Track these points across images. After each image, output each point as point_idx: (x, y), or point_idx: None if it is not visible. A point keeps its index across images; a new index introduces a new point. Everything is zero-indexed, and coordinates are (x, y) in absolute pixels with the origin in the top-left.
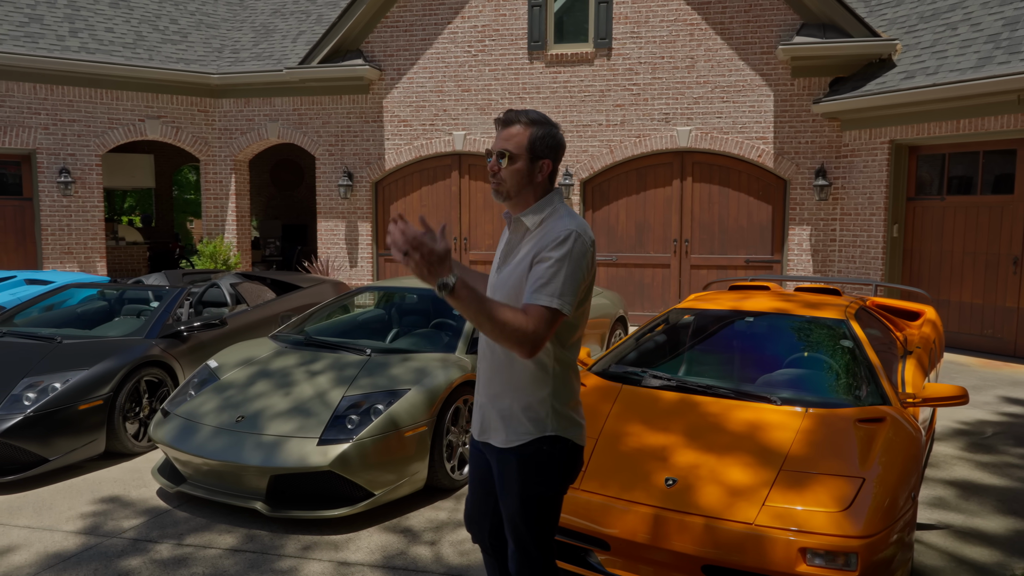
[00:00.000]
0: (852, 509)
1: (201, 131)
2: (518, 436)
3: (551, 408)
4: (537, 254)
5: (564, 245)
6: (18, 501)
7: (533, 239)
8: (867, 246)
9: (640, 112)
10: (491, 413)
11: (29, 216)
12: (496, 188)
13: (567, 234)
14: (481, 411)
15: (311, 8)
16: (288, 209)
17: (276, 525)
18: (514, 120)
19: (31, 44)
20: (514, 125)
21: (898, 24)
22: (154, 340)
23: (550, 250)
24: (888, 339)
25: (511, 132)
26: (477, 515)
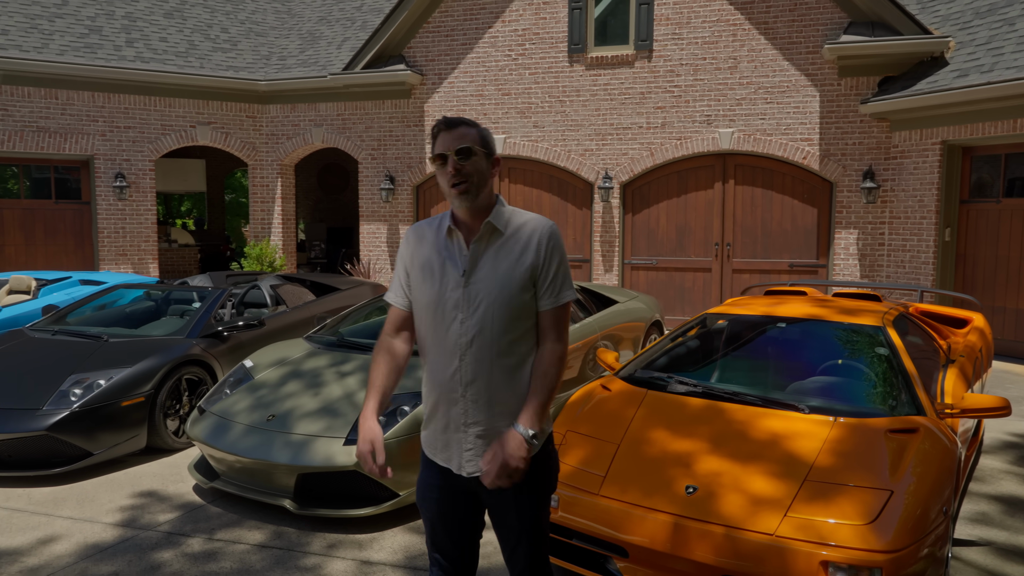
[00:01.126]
0: (878, 522)
1: (249, 136)
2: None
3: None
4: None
5: (556, 244)
6: (63, 493)
7: (511, 241)
8: (917, 251)
9: (681, 114)
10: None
11: (87, 219)
12: (464, 189)
13: (550, 227)
14: (480, 441)
15: (356, 15)
16: (334, 212)
17: (303, 523)
18: (457, 123)
19: (90, 54)
20: (459, 127)
21: (951, 20)
22: (195, 340)
23: (548, 253)
24: (929, 347)
25: (461, 132)
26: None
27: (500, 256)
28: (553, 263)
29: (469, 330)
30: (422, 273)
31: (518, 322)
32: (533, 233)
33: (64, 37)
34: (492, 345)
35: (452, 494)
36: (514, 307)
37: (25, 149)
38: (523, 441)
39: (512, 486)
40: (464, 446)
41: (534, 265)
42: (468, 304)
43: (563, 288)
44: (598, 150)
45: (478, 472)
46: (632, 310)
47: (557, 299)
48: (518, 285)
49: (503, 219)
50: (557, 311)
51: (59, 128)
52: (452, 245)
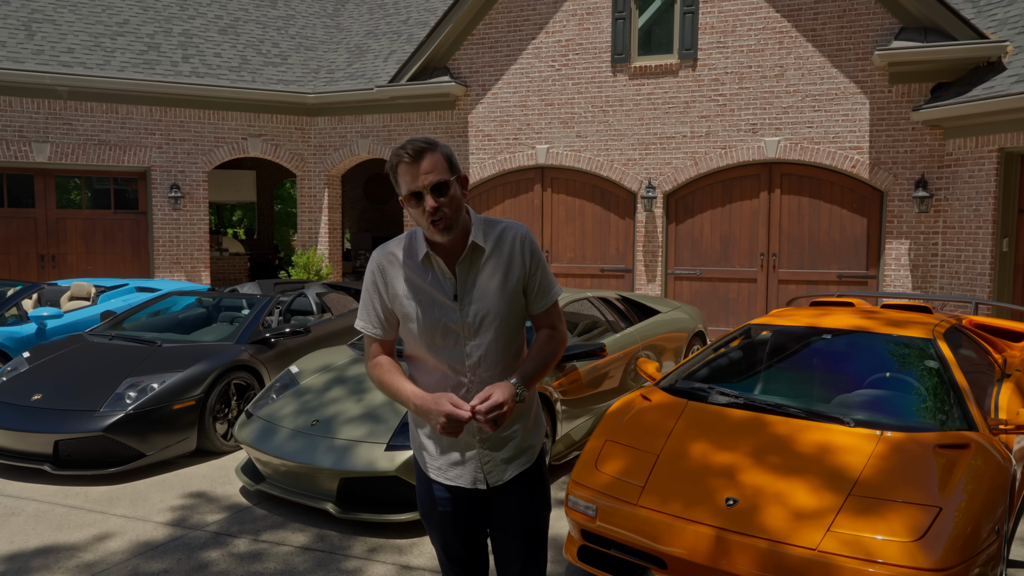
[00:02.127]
0: (926, 539)
1: (298, 148)
2: (534, 445)
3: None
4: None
5: (532, 248)
6: (117, 492)
7: (495, 255)
8: (972, 261)
9: (726, 123)
10: (509, 446)
11: (144, 228)
12: (444, 227)
13: (524, 232)
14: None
15: (403, 28)
16: (379, 222)
17: (345, 526)
18: (422, 151)
19: (149, 70)
20: (425, 156)
21: (1010, 24)
22: (243, 346)
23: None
24: (983, 361)
25: (430, 162)
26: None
27: (487, 272)
28: (537, 268)
29: (474, 351)
30: (409, 301)
31: (517, 332)
32: (514, 242)
33: (125, 54)
34: (499, 360)
35: (464, 505)
36: (513, 320)
37: (87, 162)
38: (512, 390)
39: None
40: (481, 460)
41: (522, 275)
42: (468, 326)
43: (551, 287)
44: (641, 160)
45: (500, 481)
46: (674, 320)
47: (548, 299)
48: (512, 298)
49: (481, 235)
50: (552, 309)
51: (119, 141)
52: (434, 269)
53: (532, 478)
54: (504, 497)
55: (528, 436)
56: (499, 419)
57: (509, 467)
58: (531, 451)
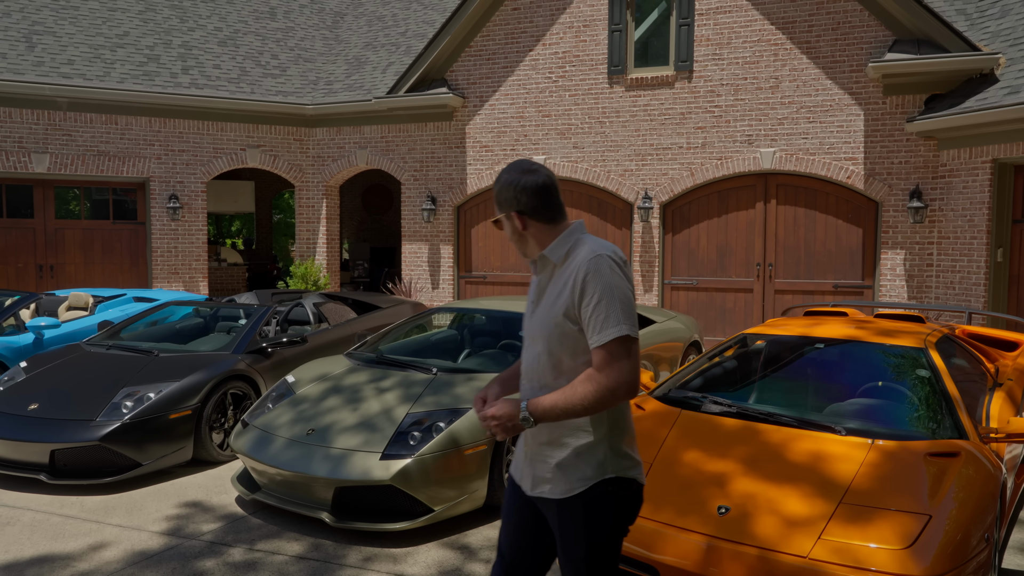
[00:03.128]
0: (916, 547)
1: (296, 159)
2: (580, 483)
3: (608, 448)
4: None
5: (596, 273)
6: (113, 501)
7: (562, 273)
8: (967, 271)
9: (722, 134)
10: (543, 465)
11: (142, 239)
12: (518, 250)
13: (592, 257)
14: (530, 465)
15: (401, 40)
16: (377, 232)
17: (340, 535)
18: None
19: (148, 82)
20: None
21: (1002, 37)
22: (240, 355)
23: (586, 284)
24: (975, 370)
25: (495, 198)
26: (522, 565)
27: (551, 288)
28: (591, 298)
29: (530, 361)
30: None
31: (566, 357)
32: (578, 267)
33: (125, 66)
34: (542, 376)
35: (523, 506)
36: (555, 341)
37: (86, 172)
38: (516, 411)
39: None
40: (524, 464)
41: (570, 303)
42: (530, 336)
43: (604, 326)
44: (638, 170)
45: (528, 490)
46: (670, 330)
47: (601, 336)
48: (554, 319)
49: (559, 251)
50: (604, 348)
51: (118, 152)
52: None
53: (565, 514)
54: (548, 516)
55: (558, 471)
56: (491, 429)
57: (539, 485)
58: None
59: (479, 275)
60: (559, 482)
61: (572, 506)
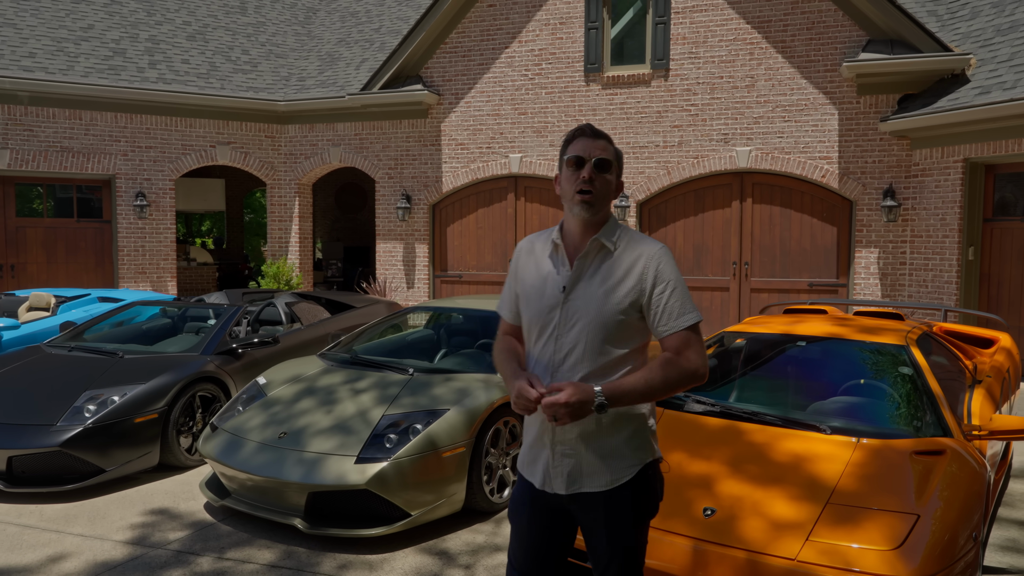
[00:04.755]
0: (905, 548)
1: (268, 156)
2: (628, 470)
3: (650, 431)
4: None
5: (669, 263)
6: (75, 510)
7: (619, 261)
8: (940, 269)
9: (698, 133)
10: (585, 457)
11: (108, 237)
12: (589, 199)
13: (661, 249)
14: (565, 459)
15: (375, 37)
16: (351, 231)
17: (315, 542)
18: (600, 135)
19: (114, 76)
20: (602, 139)
21: (972, 38)
22: (209, 356)
23: (659, 273)
24: (955, 367)
25: (602, 144)
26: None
27: (603, 274)
28: (664, 288)
29: (563, 348)
30: (528, 286)
31: (614, 346)
32: (640, 257)
33: (89, 59)
34: (585, 365)
35: (540, 510)
36: (610, 329)
37: (49, 169)
38: (589, 396)
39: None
40: (552, 463)
41: (638, 290)
42: (565, 321)
43: (681, 312)
44: None
45: (562, 491)
46: None
47: (674, 324)
48: (615, 307)
49: (613, 237)
50: (680, 336)
51: (82, 148)
52: (557, 259)
53: (613, 502)
54: (583, 514)
55: (610, 460)
56: (558, 416)
57: (579, 481)
58: (613, 477)
59: (455, 274)
60: (604, 473)
61: (620, 496)
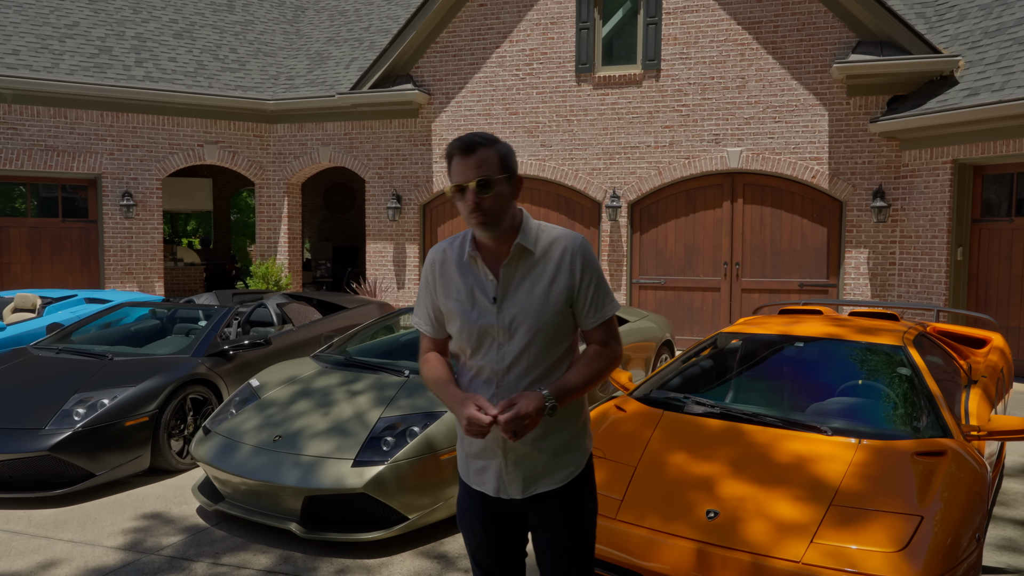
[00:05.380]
0: (909, 549)
1: (256, 155)
2: (577, 464)
3: (588, 425)
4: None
5: (587, 257)
6: (64, 515)
7: (542, 262)
8: (929, 270)
9: (689, 133)
10: (539, 460)
11: (94, 237)
12: (485, 221)
13: (579, 241)
14: (517, 467)
15: (364, 36)
16: (340, 231)
17: (310, 547)
18: (474, 146)
19: (100, 74)
20: (477, 151)
21: (960, 40)
22: (200, 358)
23: (582, 269)
24: (950, 367)
25: (479, 157)
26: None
27: (533, 278)
28: (591, 281)
29: (506, 356)
30: (452, 301)
31: (556, 345)
32: (565, 252)
33: (74, 57)
34: (532, 369)
35: (494, 516)
36: (552, 330)
37: (33, 168)
38: (541, 403)
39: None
40: (505, 471)
41: (570, 287)
42: (504, 330)
43: (605, 303)
44: (605, 169)
45: (518, 496)
46: (643, 330)
47: (600, 315)
48: (555, 307)
49: (531, 238)
50: (605, 325)
51: (67, 147)
52: (477, 270)
53: (568, 499)
54: (539, 512)
55: (561, 457)
56: (519, 430)
57: (535, 483)
58: (566, 472)
59: None
60: (557, 471)
61: (575, 489)
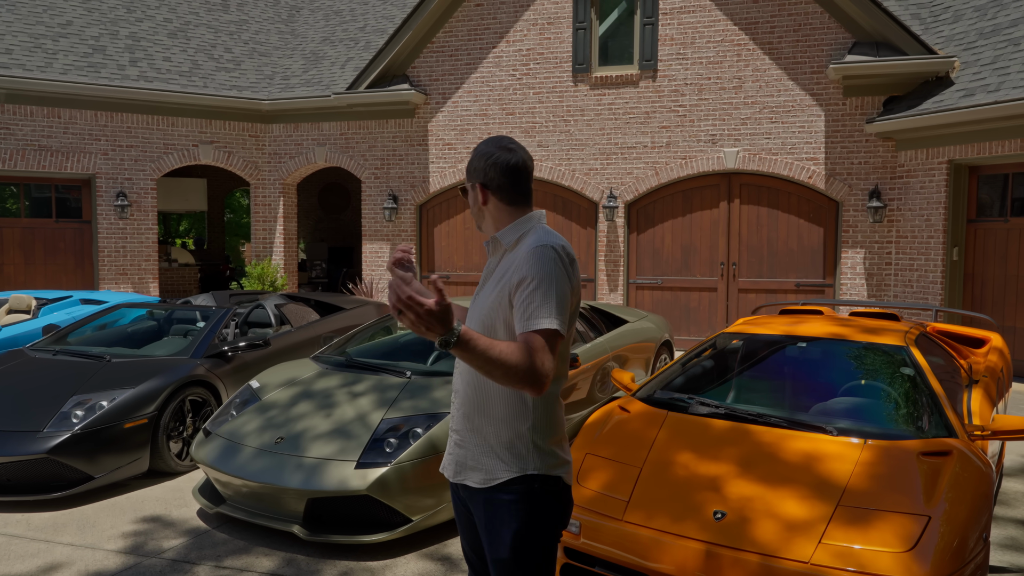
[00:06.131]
0: (918, 549)
1: (251, 155)
2: (498, 473)
3: (532, 444)
4: (513, 277)
5: (537, 261)
6: (63, 518)
7: (510, 259)
8: (925, 270)
9: (686, 134)
10: (468, 451)
11: (88, 238)
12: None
13: (538, 245)
14: (457, 449)
15: (360, 36)
16: (335, 232)
17: (314, 549)
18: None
19: (94, 74)
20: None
21: (955, 41)
22: (199, 360)
23: (526, 270)
24: (951, 367)
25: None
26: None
27: (498, 272)
28: (530, 284)
29: None
30: None
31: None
32: (523, 253)
33: (68, 56)
34: (470, 371)
35: (458, 502)
36: (487, 325)
37: (26, 168)
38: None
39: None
40: (448, 449)
41: (510, 287)
42: (470, 319)
43: (538, 313)
44: (602, 169)
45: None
46: (642, 330)
47: (529, 323)
48: (496, 304)
49: (512, 236)
50: (530, 336)
51: (61, 147)
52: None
53: (491, 509)
54: (473, 510)
55: (486, 457)
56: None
57: (463, 472)
58: (486, 475)
59: (443, 275)
60: (478, 470)
61: (499, 501)
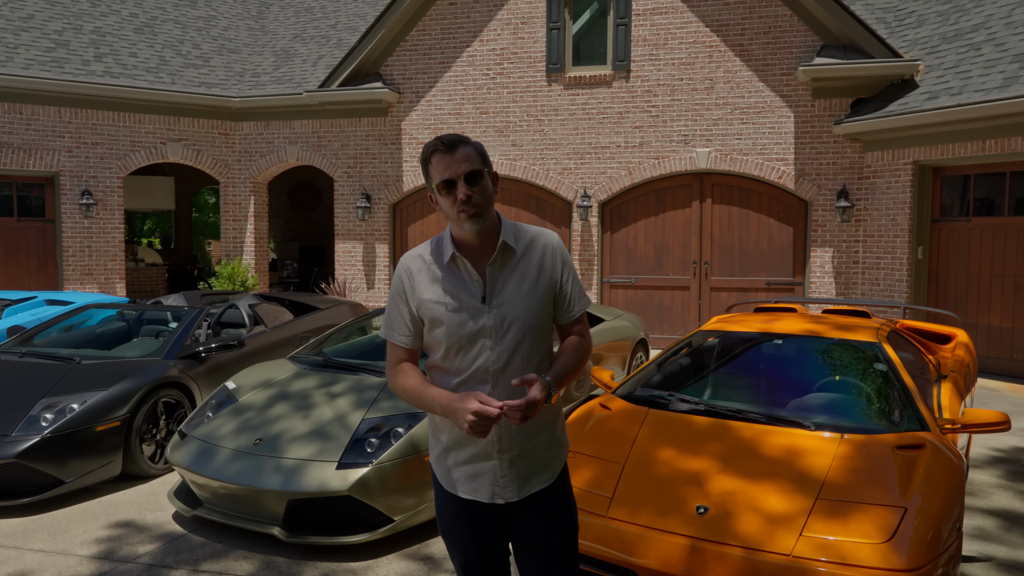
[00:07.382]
0: (895, 540)
1: (221, 154)
2: (561, 460)
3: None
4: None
5: (565, 251)
6: (33, 524)
7: (525, 259)
8: (891, 268)
9: (659, 134)
10: (532, 457)
11: (51, 237)
12: (475, 213)
13: (557, 239)
14: (514, 467)
15: (331, 33)
16: (306, 231)
17: (294, 551)
18: (457, 143)
19: (57, 69)
20: (459, 147)
21: (919, 45)
22: (172, 361)
23: (561, 259)
24: (921, 363)
25: (463, 153)
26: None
27: (519, 275)
28: (569, 278)
29: (501, 356)
30: (435, 305)
31: (545, 340)
32: (545, 249)
33: (30, 51)
34: (525, 367)
35: (483, 521)
36: (543, 325)
37: None
38: (546, 387)
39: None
40: (499, 473)
41: (553, 282)
42: (496, 330)
43: (582, 297)
44: (576, 169)
45: (515, 498)
46: (618, 328)
47: (578, 309)
48: (542, 302)
49: (512, 237)
50: (582, 317)
51: (23, 144)
52: (460, 271)
53: (554, 497)
54: (525, 515)
55: (550, 452)
56: (529, 416)
57: (529, 482)
58: (553, 468)
59: None
60: (547, 468)
61: (561, 487)
